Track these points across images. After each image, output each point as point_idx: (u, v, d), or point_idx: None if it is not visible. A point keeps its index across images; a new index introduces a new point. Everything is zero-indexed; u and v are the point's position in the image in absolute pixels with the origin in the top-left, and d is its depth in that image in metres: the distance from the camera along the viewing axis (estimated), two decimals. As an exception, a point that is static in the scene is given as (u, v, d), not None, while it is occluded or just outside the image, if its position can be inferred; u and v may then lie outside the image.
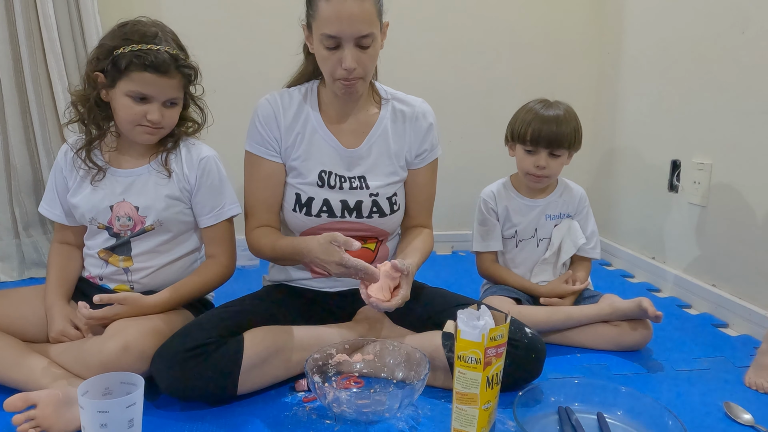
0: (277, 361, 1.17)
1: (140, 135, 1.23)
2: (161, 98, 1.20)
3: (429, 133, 1.35)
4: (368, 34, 1.15)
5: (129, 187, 1.27)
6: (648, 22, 2.12)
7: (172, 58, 1.18)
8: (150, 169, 1.28)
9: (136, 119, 1.20)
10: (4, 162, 1.94)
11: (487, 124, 2.41)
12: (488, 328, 0.98)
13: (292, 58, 1.37)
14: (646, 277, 2.10)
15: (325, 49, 1.17)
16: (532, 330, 1.21)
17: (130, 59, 1.15)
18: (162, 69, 1.17)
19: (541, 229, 1.57)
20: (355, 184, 1.31)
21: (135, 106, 1.19)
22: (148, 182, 1.27)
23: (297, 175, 1.31)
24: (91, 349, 1.12)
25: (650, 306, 1.38)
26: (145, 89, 1.18)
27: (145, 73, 1.16)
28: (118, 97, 1.19)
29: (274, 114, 1.29)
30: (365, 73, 1.21)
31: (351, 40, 1.14)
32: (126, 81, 1.17)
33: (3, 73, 1.87)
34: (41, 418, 0.99)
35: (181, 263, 1.34)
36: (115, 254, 1.29)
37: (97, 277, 1.31)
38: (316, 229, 1.32)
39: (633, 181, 2.23)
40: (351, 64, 1.16)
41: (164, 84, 1.19)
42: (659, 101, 2.04)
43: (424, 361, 1.16)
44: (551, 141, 1.45)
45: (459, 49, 2.36)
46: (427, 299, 1.36)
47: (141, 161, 1.29)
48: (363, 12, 1.12)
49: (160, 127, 1.23)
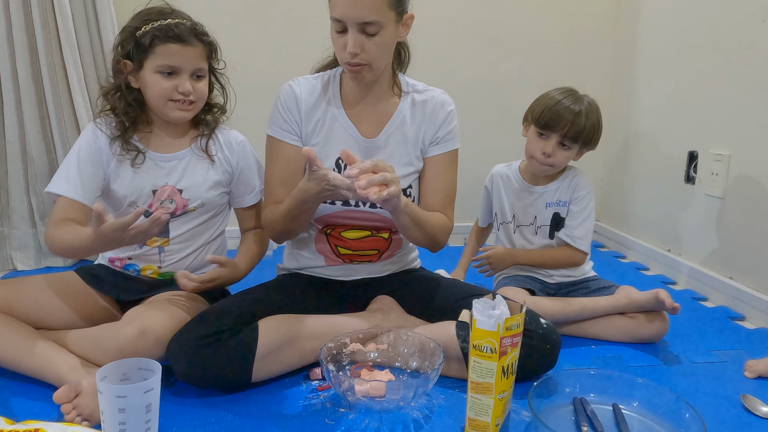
0: (291, 349, 1.18)
1: (173, 111, 1.25)
2: (188, 68, 1.24)
3: (447, 121, 1.33)
4: (373, 21, 1.14)
5: (172, 171, 1.31)
6: (665, 10, 2.09)
7: (192, 28, 1.24)
8: (191, 153, 1.33)
9: (167, 93, 1.23)
10: (20, 152, 1.96)
11: (501, 117, 2.40)
12: (504, 318, 0.97)
13: (312, 47, 1.37)
14: (661, 269, 2.08)
15: (335, 31, 1.19)
16: (546, 320, 1.21)
17: (153, 34, 1.20)
18: (184, 38, 1.21)
19: (540, 217, 1.55)
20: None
21: (165, 81, 1.22)
22: (189, 165, 1.32)
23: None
24: (108, 335, 1.13)
25: (667, 297, 1.36)
26: (172, 60, 1.21)
27: (169, 45, 1.20)
28: (148, 77, 1.23)
29: (295, 99, 1.29)
30: (370, 60, 1.19)
31: (355, 25, 1.14)
32: (152, 57, 1.21)
33: (20, 63, 1.88)
34: (83, 407, 1.00)
35: (210, 246, 1.40)
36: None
37: (126, 258, 1.33)
38: (329, 216, 1.32)
39: (649, 173, 2.21)
40: (353, 48, 1.16)
41: (189, 53, 1.23)
42: (676, 91, 2.01)
43: (438, 351, 1.15)
44: (565, 130, 1.42)
45: (472, 40, 2.34)
46: (441, 290, 1.35)
47: (181, 145, 1.33)
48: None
49: (191, 101, 1.26)
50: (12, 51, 1.88)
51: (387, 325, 1.30)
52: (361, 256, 1.36)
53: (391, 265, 1.42)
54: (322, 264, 1.37)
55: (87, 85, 1.96)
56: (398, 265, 1.43)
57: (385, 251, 1.37)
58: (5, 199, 2.00)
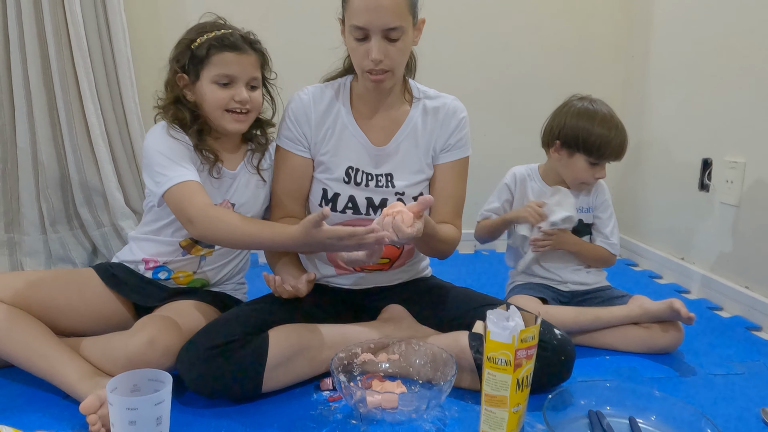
0: (302, 359, 1.17)
1: (230, 123, 1.25)
2: (244, 77, 1.24)
3: (458, 128, 1.32)
4: (397, 26, 1.14)
5: (230, 186, 1.31)
6: (678, 16, 2.07)
7: (245, 37, 1.25)
8: (245, 168, 1.33)
9: (223, 103, 1.23)
10: (31, 158, 1.97)
11: (510, 123, 2.38)
12: (519, 330, 0.96)
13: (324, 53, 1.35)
14: (674, 277, 2.05)
15: (354, 40, 1.18)
16: (561, 331, 1.19)
17: (209, 44, 1.21)
18: (239, 46, 1.22)
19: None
20: (382, 183, 1.30)
21: (221, 91, 1.23)
22: (243, 182, 1.33)
23: (325, 170, 1.31)
24: (117, 344, 1.12)
25: (682, 307, 1.34)
26: (228, 69, 1.22)
27: (225, 53, 1.21)
28: (205, 87, 1.23)
29: (304, 109, 1.29)
30: (393, 66, 1.19)
31: (379, 31, 1.14)
32: (209, 67, 1.22)
33: (31, 70, 1.89)
34: (105, 417, 0.99)
35: (242, 253, 1.43)
36: (199, 245, 1.32)
37: (162, 261, 1.32)
38: (340, 224, 1.30)
39: (661, 180, 2.18)
40: (377, 55, 1.15)
41: (244, 62, 1.23)
42: (689, 98, 1.99)
43: (450, 362, 1.14)
44: (619, 153, 1.45)
45: (481, 46, 2.34)
46: (452, 299, 1.34)
47: (236, 159, 1.33)
48: (393, 4, 1.12)
49: (247, 111, 1.25)
50: (24, 58, 1.89)
51: (398, 334, 1.29)
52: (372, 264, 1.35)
53: (403, 273, 1.40)
54: (333, 273, 1.36)
55: (98, 92, 1.97)
56: (409, 273, 1.42)
57: (396, 260, 1.36)
58: (16, 206, 2.01)
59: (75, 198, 2.04)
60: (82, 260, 2.08)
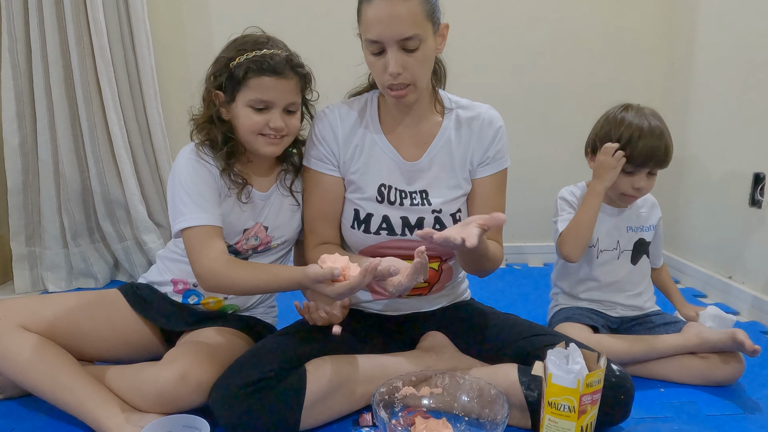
0: (340, 395, 1.10)
1: (263, 146, 1.18)
2: (281, 103, 1.16)
3: (495, 140, 1.24)
4: (412, 36, 1.06)
5: (263, 208, 1.25)
6: (724, 20, 1.96)
7: (287, 59, 1.15)
8: (278, 190, 1.26)
9: (257, 128, 1.16)
10: (53, 171, 1.92)
11: (544, 130, 2.29)
12: (584, 374, 0.88)
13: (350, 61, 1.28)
14: (720, 297, 1.95)
15: (371, 55, 1.11)
16: (618, 366, 1.10)
17: (247, 66, 1.12)
18: (279, 70, 1.13)
19: (623, 241, 1.44)
20: (417, 200, 1.22)
21: (256, 116, 1.15)
22: (276, 204, 1.26)
23: (356, 189, 1.24)
24: (148, 378, 1.06)
25: (746, 339, 1.25)
26: (265, 95, 1.14)
27: (263, 78, 1.13)
28: (239, 110, 1.16)
29: (331, 127, 1.23)
30: (414, 78, 1.11)
31: (394, 43, 1.07)
32: (245, 90, 1.14)
33: (53, 80, 1.84)
34: None
35: None
36: None
37: (192, 284, 1.26)
38: (375, 247, 1.23)
39: (706, 195, 2.08)
40: (395, 68, 1.08)
41: (283, 87, 1.15)
42: (739, 108, 1.88)
43: (500, 399, 1.05)
44: (659, 161, 1.34)
45: (515, 50, 2.25)
46: (497, 327, 1.26)
47: (269, 181, 1.26)
48: (406, 12, 1.04)
49: (283, 135, 1.18)
50: (46, 68, 1.84)
51: (440, 366, 1.21)
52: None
53: (442, 298, 1.33)
54: (368, 299, 1.29)
55: (121, 102, 1.92)
56: (449, 297, 1.34)
57: (435, 283, 1.29)
58: (37, 218, 1.96)
59: (97, 211, 1.99)
60: (103, 275, 2.02)
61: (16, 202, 1.90)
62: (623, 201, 1.43)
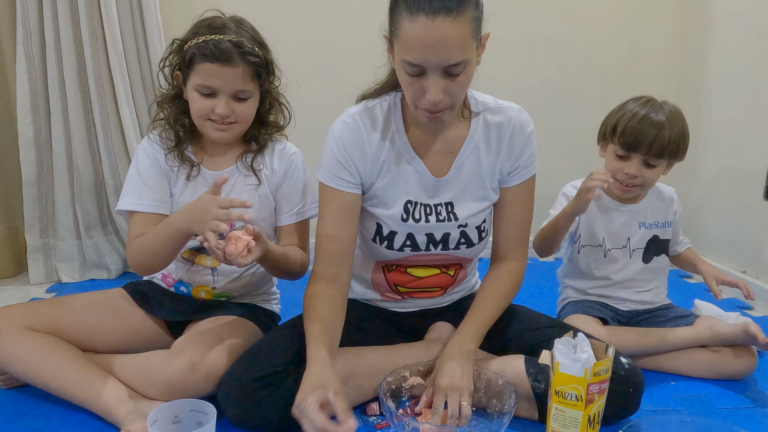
0: (348, 388, 1.08)
1: (211, 131, 1.18)
2: (227, 90, 1.13)
3: (526, 147, 1.17)
4: (460, 62, 0.95)
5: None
6: (738, 12, 1.94)
7: (235, 46, 1.11)
8: (237, 171, 1.24)
9: (203, 113, 1.15)
10: (66, 163, 1.94)
11: (555, 124, 2.27)
12: (592, 363, 0.87)
13: (362, 56, 1.27)
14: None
15: (406, 74, 0.99)
16: (628, 359, 1.09)
17: (193, 52, 1.11)
18: (223, 57, 1.10)
19: (634, 239, 1.40)
20: (442, 216, 1.17)
21: (202, 101, 1.14)
22: (237, 184, 1.23)
23: (379, 203, 1.16)
24: (157, 367, 1.07)
25: (759, 332, 1.23)
26: (209, 81, 1.12)
27: (206, 64, 1.11)
28: (190, 93, 1.16)
29: (357, 142, 1.12)
30: (454, 102, 1.02)
31: (438, 69, 0.96)
32: (193, 75, 1.14)
33: (67, 74, 1.86)
34: None
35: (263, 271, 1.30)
36: (203, 254, 1.25)
37: (177, 277, 1.27)
38: (397, 261, 1.22)
39: (720, 188, 2.05)
40: (436, 96, 0.98)
41: (227, 74, 1.12)
42: (753, 101, 1.86)
43: (508, 390, 1.05)
44: (648, 148, 1.27)
45: (528, 47, 2.23)
46: (505, 319, 1.25)
47: (227, 162, 1.25)
48: (455, 36, 0.93)
49: (231, 122, 1.17)
50: (59, 61, 1.86)
51: (448, 356, 1.20)
52: (423, 292, 1.27)
53: (454, 294, 1.32)
54: (378, 298, 1.29)
55: (133, 95, 1.93)
56: (460, 293, 1.34)
57: (448, 287, 1.28)
58: (51, 210, 1.98)
59: (109, 203, 2.01)
60: (116, 266, 2.05)
61: (30, 194, 1.93)
62: (621, 192, 1.36)
